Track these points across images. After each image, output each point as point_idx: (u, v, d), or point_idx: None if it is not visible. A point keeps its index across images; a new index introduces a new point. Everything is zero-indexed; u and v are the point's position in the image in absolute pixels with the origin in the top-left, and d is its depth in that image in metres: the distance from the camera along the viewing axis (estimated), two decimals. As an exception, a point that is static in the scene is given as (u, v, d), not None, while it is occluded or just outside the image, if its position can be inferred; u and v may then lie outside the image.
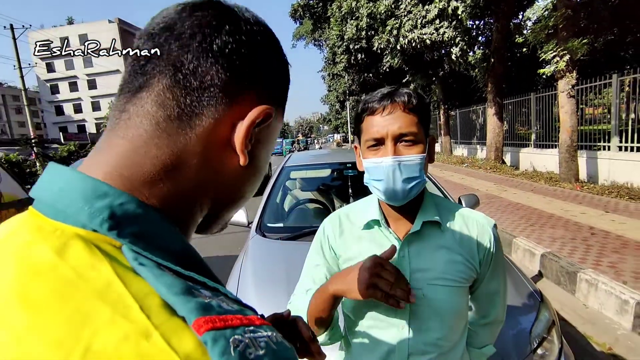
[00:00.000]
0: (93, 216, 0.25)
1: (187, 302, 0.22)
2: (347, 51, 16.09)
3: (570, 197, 5.74)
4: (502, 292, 0.84)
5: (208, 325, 0.21)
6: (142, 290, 0.22)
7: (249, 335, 0.22)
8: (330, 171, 3.13)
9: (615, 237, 3.68)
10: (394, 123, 0.72)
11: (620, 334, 2.42)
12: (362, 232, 0.81)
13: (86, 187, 0.26)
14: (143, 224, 0.26)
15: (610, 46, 9.34)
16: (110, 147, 0.30)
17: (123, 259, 0.24)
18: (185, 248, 0.29)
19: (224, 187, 0.34)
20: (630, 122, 6.31)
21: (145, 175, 0.28)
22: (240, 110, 0.32)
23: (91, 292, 0.22)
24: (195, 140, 0.30)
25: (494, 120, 9.87)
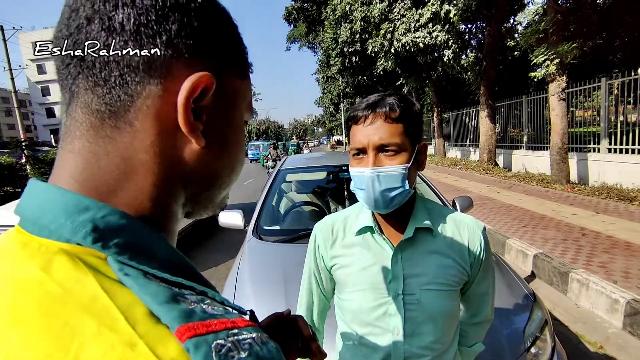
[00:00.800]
0: (76, 231, 0.25)
1: (170, 310, 0.22)
2: (341, 54, 16.17)
3: (562, 198, 5.83)
4: (492, 292, 0.86)
5: (190, 333, 0.21)
6: (127, 301, 0.23)
7: (232, 338, 0.23)
8: (326, 174, 3.15)
9: (605, 238, 3.75)
10: (375, 133, 0.72)
11: (611, 332, 2.47)
12: (355, 238, 0.82)
13: (67, 202, 0.26)
14: (127, 234, 0.26)
15: (599, 50, 9.53)
16: (66, 162, 0.29)
17: (108, 270, 0.24)
18: (171, 254, 0.29)
19: (193, 175, 0.32)
20: (619, 124, 6.44)
21: (108, 186, 0.28)
22: (176, 85, 0.29)
23: (77, 306, 0.22)
24: (139, 135, 0.28)
25: (487, 123, 9.99)
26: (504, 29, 9.56)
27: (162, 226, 0.30)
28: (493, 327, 1.38)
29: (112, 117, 0.28)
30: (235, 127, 0.35)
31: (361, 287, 0.79)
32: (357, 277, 0.80)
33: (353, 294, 0.81)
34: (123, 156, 0.28)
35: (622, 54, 9.88)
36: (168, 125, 0.29)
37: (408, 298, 0.76)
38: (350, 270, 0.81)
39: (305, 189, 3.19)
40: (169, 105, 0.29)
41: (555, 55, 6.35)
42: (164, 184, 0.30)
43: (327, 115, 38.62)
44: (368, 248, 0.80)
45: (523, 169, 9.21)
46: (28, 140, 13.84)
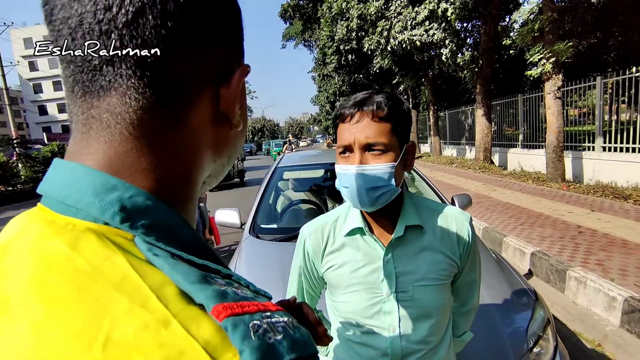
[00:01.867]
0: (104, 210, 0.25)
1: (204, 289, 0.22)
2: (337, 52, 16.12)
3: (558, 196, 5.86)
4: (478, 280, 0.88)
5: (227, 312, 0.21)
6: (158, 281, 0.22)
7: (267, 320, 0.22)
8: (323, 171, 3.12)
9: (601, 236, 3.77)
10: (361, 132, 0.72)
11: (608, 330, 2.47)
12: (345, 239, 0.81)
13: (95, 181, 0.26)
14: (153, 215, 0.26)
15: (594, 49, 9.59)
16: (96, 151, 0.27)
17: (136, 250, 0.24)
18: (195, 237, 0.29)
19: (222, 155, 0.34)
20: (613, 123, 6.48)
21: (142, 172, 0.27)
22: (218, 78, 0.30)
23: (108, 283, 0.22)
24: (185, 128, 0.29)
25: (483, 121, 10.02)
26: (500, 28, 9.58)
27: (184, 208, 0.30)
28: (496, 326, 1.36)
29: (160, 112, 0.28)
30: (246, 106, 0.36)
31: (354, 288, 0.79)
32: (350, 278, 0.80)
33: (346, 296, 0.81)
34: (166, 147, 0.28)
35: (616, 53, 9.96)
36: (212, 115, 0.30)
37: (401, 295, 0.77)
38: (342, 271, 0.81)
39: (302, 187, 3.15)
40: (211, 95, 0.30)
41: (551, 54, 6.37)
42: (200, 169, 0.31)
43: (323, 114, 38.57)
44: (358, 249, 0.80)
45: (519, 167, 9.26)
46: (20, 138, 13.65)
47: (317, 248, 0.84)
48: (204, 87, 0.30)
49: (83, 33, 0.26)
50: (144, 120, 0.27)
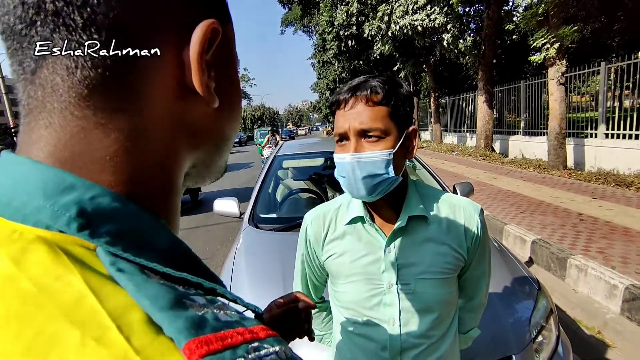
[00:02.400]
0: (58, 215, 0.20)
1: (176, 318, 0.18)
2: (337, 38, 15.85)
3: (559, 184, 5.83)
4: (487, 275, 0.84)
5: (202, 350, 0.17)
6: (121, 305, 0.18)
7: (253, 355, 0.18)
8: (323, 160, 3.08)
9: (603, 223, 3.75)
10: (355, 118, 0.68)
11: (609, 317, 2.47)
12: (346, 227, 0.79)
13: (46, 179, 0.21)
14: (121, 220, 0.22)
15: (598, 34, 9.41)
16: (41, 138, 0.23)
17: (97, 264, 0.20)
18: (173, 243, 0.24)
19: (202, 140, 0.28)
20: (616, 110, 6.40)
21: (100, 164, 0.23)
22: (179, 40, 0.24)
23: (56, 310, 0.17)
24: (142, 103, 0.24)
25: (484, 108, 9.91)
26: (503, 12, 9.37)
27: (165, 209, 0.26)
28: (498, 316, 1.35)
29: (105, 84, 0.22)
30: (236, 80, 0.31)
31: (354, 278, 0.78)
32: (350, 267, 0.78)
33: (346, 285, 0.79)
34: (123, 129, 0.23)
35: (620, 37, 9.77)
36: (176, 87, 0.25)
37: (403, 288, 0.74)
38: (342, 260, 0.79)
39: (301, 175, 3.12)
40: (175, 63, 0.24)
41: (555, 39, 6.24)
42: (171, 155, 0.26)
43: (322, 101, 38.25)
44: (359, 238, 0.78)
45: (520, 154, 9.20)
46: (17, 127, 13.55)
47: (318, 236, 0.82)
48: (161, 47, 0.24)
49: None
50: (85, 94, 0.22)
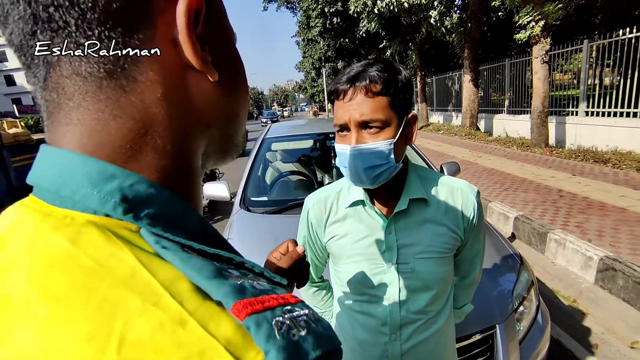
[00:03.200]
0: (104, 200, 0.23)
1: (221, 285, 0.20)
2: (322, 14, 15.44)
3: (541, 161, 6.00)
4: (482, 254, 0.88)
5: (248, 309, 0.20)
6: (170, 276, 0.21)
7: (289, 315, 0.21)
8: (312, 142, 3.07)
9: (581, 199, 3.91)
10: (355, 110, 0.68)
11: (584, 287, 2.63)
12: (347, 210, 0.81)
13: (90, 169, 0.23)
14: (157, 204, 0.24)
15: (581, 11, 9.44)
16: (65, 134, 0.25)
17: (143, 243, 0.22)
18: (203, 224, 0.27)
19: (211, 117, 0.29)
20: (597, 87, 6.53)
21: (125, 152, 0.24)
22: (167, 19, 0.25)
23: (116, 281, 0.20)
24: (146, 89, 0.25)
25: (470, 87, 9.96)
26: (489, -12, 9.28)
27: (189, 191, 0.28)
28: (484, 289, 1.42)
29: (110, 78, 0.24)
30: (235, 53, 0.31)
31: (356, 258, 0.80)
32: (351, 248, 0.80)
33: (348, 265, 0.81)
34: (134, 116, 0.25)
35: (602, 15, 9.85)
36: (174, 67, 0.25)
37: (402, 267, 0.77)
38: (344, 242, 0.81)
39: (291, 158, 3.11)
40: (168, 43, 0.25)
41: (540, 16, 6.25)
42: (185, 136, 0.27)
43: (308, 81, 37.61)
44: (360, 220, 0.80)
45: (504, 133, 9.37)
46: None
47: (320, 218, 0.84)
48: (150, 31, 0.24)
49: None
50: (93, 89, 0.24)
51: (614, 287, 2.47)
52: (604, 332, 2.18)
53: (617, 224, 3.18)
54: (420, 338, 0.79)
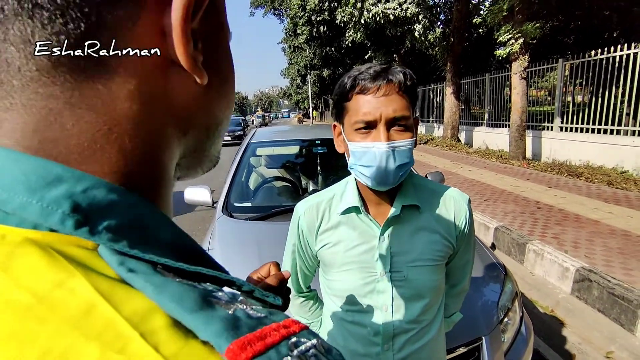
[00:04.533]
0: (48, 211, 0.17)
1: (209, 320, 0.16)
2: (309, 22, 15.57)
3: (519, 174, 6.19)
4: (472, 262, 0.88)
5: (247, 353, 0.15)
6: (140, 309, 0.16)
7: (296, 352, 0.17)
8: (298, 148, 3.04)
9: (557, 211, 4.04)
10: (388, 106, 0.67)
11: (561, 297, 2.69)
12: (340, 217, 0.79)
13: (27, 170, 0.18)
14: (120, 212, 0.19)
15: (556, 32, 9.93)
16: (2, 124, 0.19)
17: (103, 266, 0.17)
18: (178, 235, 0.22)
19: (191, 122, 0.25)
20: (570, 104, 6.84)
21: (80, 150, 0.19)
22: (158, 3, 0.21)
23: (64, 322, 0.15)
24: (118, 79, 0.20)
25: (452, 99, 10.23)
26: (471, 6, 9.61)
27: (158, 198, 0.23)
28: (469, 300, 1.40)
29: (72, 56, 0.19)
30: (229, 54, 0.27)
31: (348, 267, 0.78)
32: (344, 257, 0.78)
33: (340, 274, 0.79)
34: (97, 108, 0.20)
35: (575, 36, 10.39)
36: (157, 59, 0.21)
37: (395, 275, 0.76)
38: (337, 249, 0.79)
39: (275, 163, 3.06)
40: (155, 32, 0.20)
41: (519, 34, 6.51)
42: (158, 140, 0.23)
43: (293, 88, 37.69)
44: (354, 227, 0.78)
45: (484, 145, 9.64)
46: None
47: (312, 226, 0.81)
48: (135, 10, 0.20)
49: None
50: (48, 68, 0.18)
51: (589, 297, 2.54)
52: (581, 342, 2.22)
53: (591, 235, 3.29)
54: (413, 348, 0.78)
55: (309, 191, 2.60)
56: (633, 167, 5.39)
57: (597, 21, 8.85)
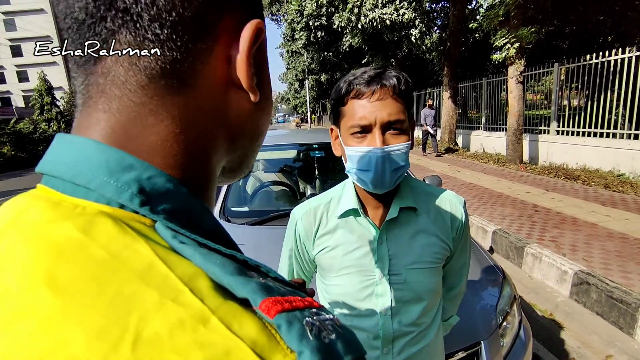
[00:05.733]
0: (121, 191, 0.22)
1: (247, 282, 0.20)
2: (306, 28, 15.64)
3: (516, 177, 6.20)
4: (468, 264, 0.89)
5: (278, 307, 0.19)
6: (189, 272, 0.20)
7: (317, 318, 0.20)
8: (295, 152, 3.04)
9: (555, 214, 4.05)
10: (382, 110, 0.68)
11: (559, 300, 2.68)
12: (338, 221, 0.79)
13: (109, 158, 0.23)
14: (174, 200, 0.23)
15: (551, 37, 10.03)
16: (99, 121, 0.24)
17: (158, 238, 0.21)
18: (216, 225, 0.26)
19: (241, 133, 0.30)
20: (566, 108, 6.89)
21: (152, 148, 0.24)
22: (228, 38, 0.26)
23: (131, 274, 0.19)
24: (193, 95, 0.25)
25: (449, 104, 10.28)
26: (467, 11, 9.71)
27: (205, 194, 0.28)
28: (467, 304, 1.40)
29: (164, 76, 0.24)
30: (269, 77, 0.32)
31: (347, 271, 0.78)
32: (342, 260, 0.78)
33: (338, 278, 0.79)
34: (174, 116, 0.25)
35: (571, 41, 10.49)
36: (221, 82, 0.27)
37: (394, 278, 0.76)
38: (335, 254, 0.79)
39: (272, 167, 3.06)
40: (222, 60, 0.26)
41: (515, 39, 6.56)
42: (215, 146, 0.28)
43: (291, 92, 37.81)
44: (351, 231, 0.78)
45: (481, 148, 9.67)
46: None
47: (309, 230, 0.81)
48: (211, 44, 0.25)
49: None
50: (144, 83, 0.24)
51: (588, 300, 2.53)
52: (580, 346, 2.21)
53: (589, 238, 3.30)
54: (412, 351, 0.77)
55: (306, 195, 2.60)
56: (629, 170, 5.42)
57: (592, 26, 8.94)
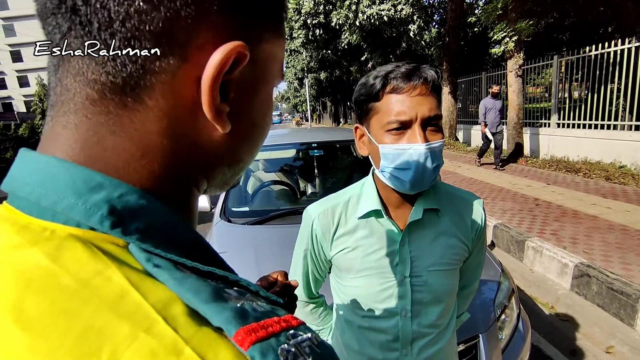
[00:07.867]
0: (90, 212, 0.21)
1: (221, 310, 0.19)
2: (304, 26, 15.61)
3: (517, 171, 6.20)
4: (483, 263, 0.88)
5: (252, 337, 0.18)
6: (163, 298, 0.19)
7: (293, 341, 0.20)
8: (295, 152, 3.05)
9: (556, 207, 4.05)
10: (423, 105, 0.65)
11: (560, 293, 2.69)
12: (358, 221, 0.77)
13: (75, 178, 0.21)
14: (148, 216, 0.22)
15: (551, 29, 9.98)
16: (60, 137, 0.23)
17: (132, 260, 0.21)
18: (196, 238, 0.25)
19: (217, 162, 0.28)
20: (566, 101, 6.86)
21: (116, 169, 0.23)
22: (203, 59, 0.23)
23: (101, 304, 0.18)
24: (153, 115, 0.23)
25: (449, 99, 10.25)
26: (465, 5, 9.67)
27: (184, 207, 0.27)
28: (466, 299, 1.42)
29: (116, 92, 0.22)
30: (265, 101, 0.29)
31: (366, 272, 0.76)
32: (362, 262, 0.76)
33: (357, 280, 0.77)
34: (132, 138, 0.23)
35: (570, 33, 10.44)
36: (188, 103, 0.24)
37: (415, 280, 0.74)
38: (354, 255, 0.77)
39: (273, 167, 3.08)
40: (191, 80, 0.23)
41: (513, 32, 6.54)
42: (184, 169, 0.26)
43: (291, 91, 37.78)
44: (372, 232, 0.76)
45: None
46: None
47: (327, 230, 0.78)
48: (176, 63, 0.22)
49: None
50: (95, 98, 0.22)
51: (588, 293, 2.54)
52: (581, 338, 2.23)
53: (589, 231, 3.30)
54: (431, 352, 0.77)
55: (307, 194, 2.61)
56: (630, 161, 5.40)
57: (591, 17, 8.89)
